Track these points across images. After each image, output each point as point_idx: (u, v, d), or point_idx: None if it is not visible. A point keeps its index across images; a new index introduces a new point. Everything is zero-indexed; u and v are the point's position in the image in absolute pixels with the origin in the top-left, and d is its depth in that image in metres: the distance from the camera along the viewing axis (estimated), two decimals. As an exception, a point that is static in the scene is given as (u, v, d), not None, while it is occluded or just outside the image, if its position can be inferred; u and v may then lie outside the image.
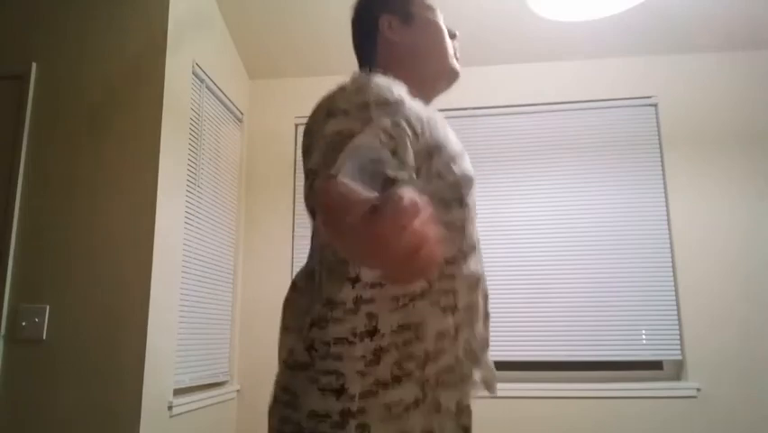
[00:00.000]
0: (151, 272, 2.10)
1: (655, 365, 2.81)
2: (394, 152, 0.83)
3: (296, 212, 3.09)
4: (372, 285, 0.87)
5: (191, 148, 2.51)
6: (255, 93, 3.23)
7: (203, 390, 2.57)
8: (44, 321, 2.08)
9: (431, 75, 1.13)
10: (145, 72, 2.26)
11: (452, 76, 1.15)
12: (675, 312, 2.76)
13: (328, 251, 0.94)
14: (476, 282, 0.96)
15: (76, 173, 2.20)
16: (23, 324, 2.09)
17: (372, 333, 0.86)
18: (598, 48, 2.97)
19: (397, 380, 0.85)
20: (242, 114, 3.10)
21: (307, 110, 3.30)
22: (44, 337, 2.08)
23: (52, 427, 2.01)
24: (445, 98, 3.22)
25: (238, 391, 2.91)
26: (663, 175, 2.89)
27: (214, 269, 2.72)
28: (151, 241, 2.11)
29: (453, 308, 0.91)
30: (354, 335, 0.86)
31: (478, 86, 3.09)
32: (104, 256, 2.12)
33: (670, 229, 2.83)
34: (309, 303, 0.91)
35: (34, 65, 2.31)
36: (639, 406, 2.69)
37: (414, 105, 0.95)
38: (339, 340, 0.86)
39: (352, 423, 0.83)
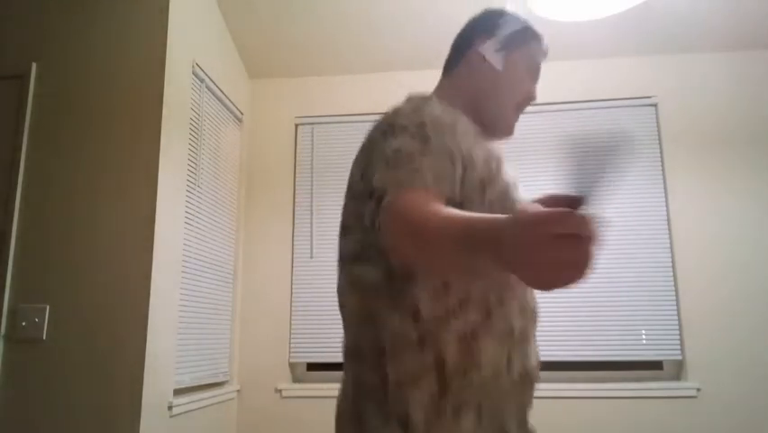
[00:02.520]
0: (151, 272, 2.10)
1: (655, 365, 2.81)
2: (451, 180, 0.87)
3: (295, 212, 3.09)
4: (436, 321, 0.88)
5: (191, 148, 2.51)
6: (255, 93, 3.24)
7: (203, 390, 2.57)
8: (44, 321, 2.08)
9: (488, 118, 1.11)
10: (145, 72, 2.26)
11: (503, 133, 1.14)
12: (675, 312, 2.76)
13: (383, 275, 0.93)
14: (527, 308, 0.98)
15: (76, 173, 2.20)
16: (23, 324, 2.09)
17: (439, 368, 0.87)
18: (598, 48, 2.97)
19: (457, 413, 0.87)
20: (242, 114, 3.10)
21: (307, 110, 3.32)
22: (44, 337, 2.08)
23: (52, 427, 2.01)
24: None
25: (238, 391, 2.91)
26: (663, 175, 2.89)
27: (214, 269, 2.72)
28: (151, 241, 2.11)
29: (509, 335, 0.93)
30: (423, 370, 0.87)
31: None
32: (104, 256, 2.12)
33: (670, 229, 2.83)
34: (374, 331, 0.92)
35: (34, 65, 2.31)
36: (639, 406, 2.69)
37: (468, 133, 0.97)
38: (409, 374, 0.88)
39: None
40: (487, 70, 1.11)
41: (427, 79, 3.15)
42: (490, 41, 1.11)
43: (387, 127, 0.94)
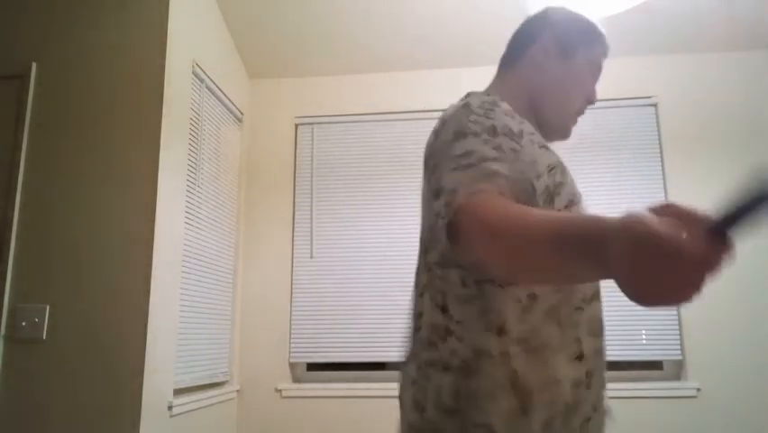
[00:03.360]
0: (151, 272, 2.10)
1: (655, 365, 2.81)
2: (520, 191, 0.83)
3: (295, 212, 3.09)
4: (519, 340, 0.85)
5: (191, 148, 2.51)
6: (255, 93, 3.24)
7: (203, 390, 2.57)
8: (44, 321, 2.08)
9: (547, 118, 1.08)
10: (145, 72, 2.26)
11: (560, 133, 1.10)
12: (675, 312, 2.76)
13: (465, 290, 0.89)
14: (598, 327, 0.95)
15: (76, 173, 2.20)
16: (23, 324, 2.09)
17: (517, 388, 0.84)
18: (598, 48, 2.97)
19: (542, 428, 0.84)
20: (242, 114, 3.10)
21: (307, 110, 3.32)
22: (44, 337, 2.08)
23: (52, 427, 2.01)
24: (446, 101, 3.22)
25: (238, 391, 2.91)
26: (663, 175, 2.89)
27: (214, 269, 2.72)
28: (151, 241, 2.11)
29: (582, 356, 0.90)
30: (500, 388, 0.84)
31: (478, 87, 3.08)
32: (104, 256, 2.12)
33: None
34: (460, 343, 0.88)
35: (34, 65, 2.31)
36: (639, 406, 2.69)
37: (534, 141, 0.94)
38: (487, 393, 0.84)
39: None
40: (550, 68, 1.07)
41: (428, 79, 3.17)
42: (555, 39, 1.07)
43: (456, 130, 0.89)
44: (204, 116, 2.65)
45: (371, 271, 2.96)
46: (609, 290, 2.88)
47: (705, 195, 2.83)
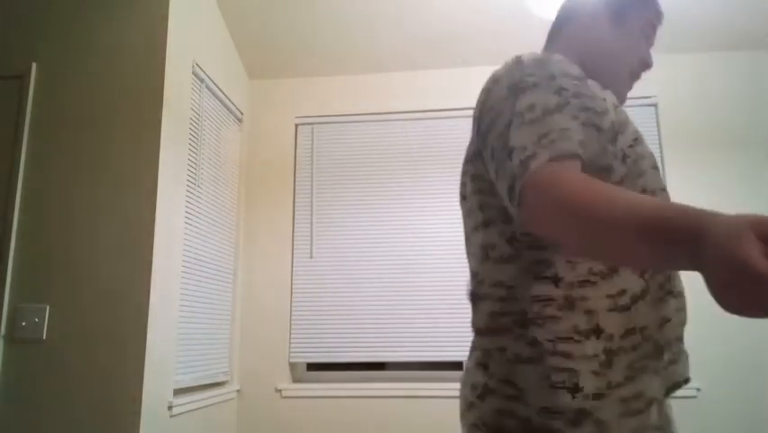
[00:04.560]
0: (151, 272, 2.10)
1: (655, 365, 2.81)
2: (590, 136, 0.81)
3: (295, 212, 3.09)
4: (581, 283, 0.84)
5: (191, 148, 2.51)
6: (255, 93, 3.24)
7: (203, 390, 2.57)
8: (44, 321, 2.09)
9: (599, 81, 1.04)
10: (145, 72, 2.26)
11: (617, 98, 1.07)
12: (675, 312, 2.76)
13: (522, 247, 0.88)
14: (674, 286, 0.94)
15: (76, 173, 2.20)
16: (23, 324, 2.09)
17: (597, 331, 0.83)
18: (598, 48, 2.97)
19: (630, 379, 0.83)
20: (242, 114, 3.10)
21: (307, 110, 3.32)
22: (44, 337, 2.08)
23: (52, 427, 2.01)
24: (447, 99, 3.22)
25: (238, 391, 2.91)
26: (663, 174, 2.89)
27: (214, 269, 2.72)
28: (151, 241, 2.11)
29: (670, 294, 0.89)
30: (578, 333, 0.83)
31: (478, 86, 3.08)
32: (104, 256, 2.12)
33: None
34: (513, 300, 0.87)
35: (34, 65, 2.31)
36: (639, 406, 2.68)
37: (592, 83, 0.93)
38: (564, 338, 0.83)
39: (589, 420, 0.81)
40: (603, 32, 1.04)
41: (427, 79, 3.17)
42: (604, 4, 1.05)
43: (512, 84, 0.86)
44: (204, 117, 2.65)
45: (371, 271, 2.96)
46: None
47: (705, 195, 2.83)
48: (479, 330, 0.93)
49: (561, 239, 0.73)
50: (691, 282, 2.74)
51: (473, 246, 0.96)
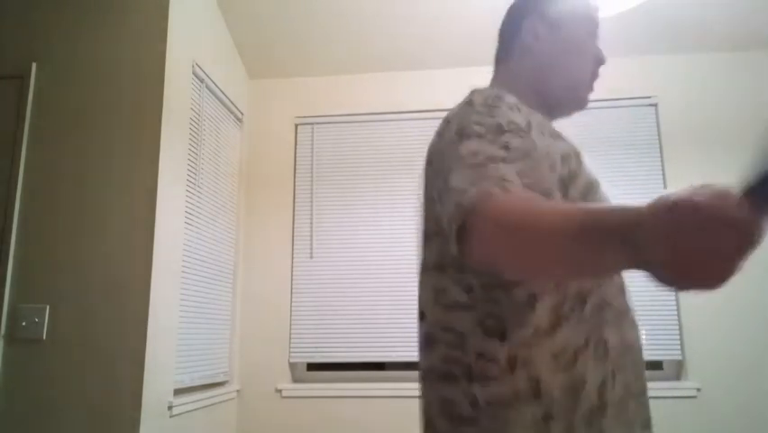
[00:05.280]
0: (151, 272, 2.10)
1: (655, 365, 2.81)
2: (531, 188, 0.79)
3: (295, 212, 3.09)
4: (525, 343, 0.81)
5: (191, 148, 2.51)
6: (255, 93, 3.24)
7: (203, 390, 2.57)
8: (44, 321, 2.09)
9: (558, 98, 1.04)
10: (145, 72, 2.26)
11: (578, 106, 1.06)
12: (675, 312, 2.76)
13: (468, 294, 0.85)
14: (624, 318, 0.89)
15: (76, 173, 2.20)
16: (23, 324, 2.09)
17: (537, 394, 0.80)
18: (598, 48, 2.97)
19: None
20: (242, 114, 3.10)
21: (307, 110, 3.32)
22: (44, 337, 2.08)
23: (52, 427, 2.01)
24: (446, 100, 3.22)
25: (238, 391, 2.91)
26: (663, 175, 2.89)
27: (214, 269, 2.72)
28: (151, 241, 2.11)
29: (607, 353, 0.84)
30: (518, 398, 0.80)
31: (480, 86, 3.08)
32: (104, 256, 2.13)
33: (670, 229, 2.83)
34: (462, 351, 0.85)
35: (34, 65, 2.31)
36: (639, 406, 2.68)
37: (544, 131, 0.90)
38: (503, 400, 0.80)
39: None
40: (547, 47, 1.02)
41: (427, 79, 3.17)
42: (539, 17, 1.04)
43: (459, 129, 0.86)
44: (204, 117, 2.65)
45: (371, 271, 2.96)
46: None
47: (705, 195, 2.83)
48: (430, 372, 0.89)
49: (501, 262, 0.71)
50: (691, 282, 2.74)
51: (425, 285, 0.93)
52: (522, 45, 1.04)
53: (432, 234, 0.92)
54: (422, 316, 0.93)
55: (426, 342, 0.91)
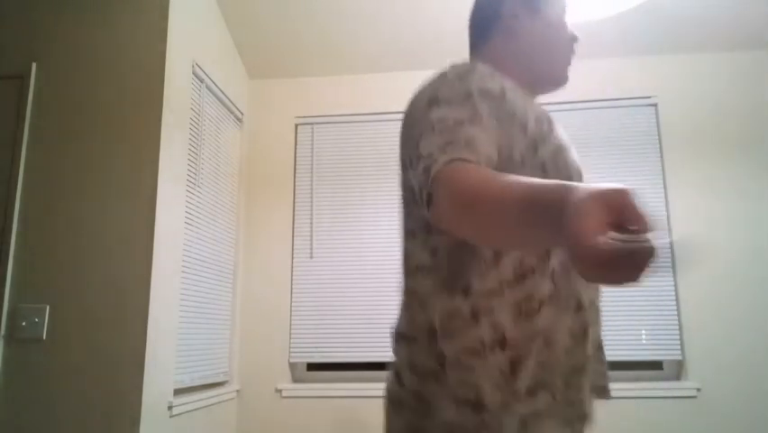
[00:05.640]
0: (151, 272, 2.10)
1: (655, 365, 2.81)
2: (501, 147, 0.83)
3: (295, 212, 3.09)
4: (488, 294, 0.84)
5: (191, 148, 2.51)
6: (255, 93, 3.24)
7: (203, 390, 2.57)
8: (44, 321, 2.09)
9: (541, 75, 1.07)
10: (145, 72, 2.26)
11: (560, 82, 1.10)
12: (675, 312, 2.76)
13: (437, 254, 0.89)
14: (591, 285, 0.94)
15: (76, 173, 2.20)
16: (23, 324, 2.09)
17: (502, 343, 0.82)
18: (598, 48, 2.97)
19: (532, 392, 0.83)
20: (242, 114, 3.10)
21: (307, 110, 3.32)
22: (44, 337, 2.08)
23: (52, 427, 2.01)
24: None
25: (238, 391, 2.91)
26: (663, 175, 2.89)
27: (214, 269, 2.72)
28: (151, 241, 2.11)
29: (580, 307, 0.88)
30: (483, 345, 0.82)
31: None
32: (104, 256, 2.13)
33: (670, 229, 2.83)
34: (424, 311, 0.88)
35: (34, 65, 2.31)
36: (639, 406, 2.69)
37: (516, 96, 0.93)
38: (469, 351, 0.83)
39: None
40: (527, 29, 1.06)
41: (427, 79, 3.16)
42: (520, 2, 1.07)
43: (431, 97, 0.89)
44: (204, 117, 2.65)
45: (371, 271, 2.96)
46: (609, 291, 2.89)
47: (705, 195, 2.83)
48: (399, 335, 0.93)
49: (459, 230, 0.73)
50: (692, 284, 2.74)
51: (402, 254, 0.97)
52: (503, 27, 1.07)
53: (407, 201, 0.95)
54: (402, 283, 0.98)
55: (403, 306, 0.95)
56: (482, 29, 1.10)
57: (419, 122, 0.86)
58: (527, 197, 0.62)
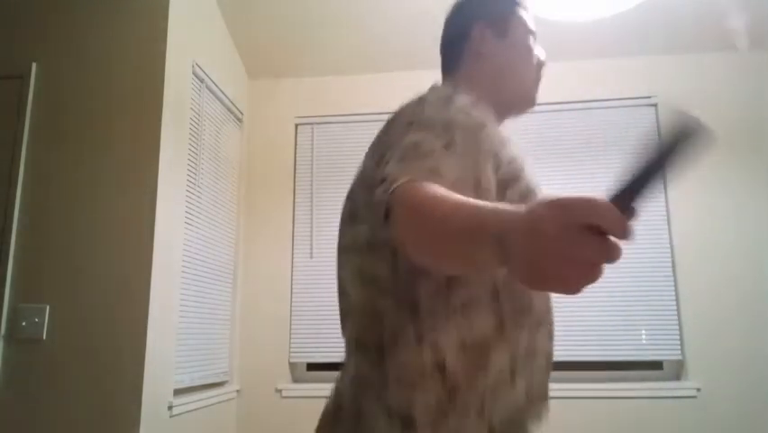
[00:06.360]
0: (151, 272, 2.10)
1: (655, 365, 2.81)
2: (469, 183, 0.82)
3: (295, 212, 3.09)
4: (435, 317, 0.85)
5: (191, 148, 2.51)
6: (255, 93, 3.23)
7: (203, 390, 2.57)
8: (44, 321, 2.09)
9: (510, 97, 1.08)
10: (145, 72, 2.26)
11: (528, 104, 1.11)
12: (675, 312, 2.76)
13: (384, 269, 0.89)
14: (540, 322, 0.93)
15: (76, 173, 2.20)
16: (23, 324, 2.09)
17: (441, 367, 0.83)
18: (598, 48, 2.97)
19: (464, 415, 0.84)
20: (242, 114, 3.10)
21: (307, 110, 3.32)
22: (44, 337, 2.08)
23: (52, 427, 2.01)
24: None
25: (238, 391, 2.91)
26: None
27: (214, 269, 2.72)
28: (151, 241, 2.11)
29: (516, 348, 0.89)
30: (423, 366, 0.84)
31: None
32: (104, 256, 2.13)
33: (670, 229, 2.83)
34: (372, 325, 0.89)
35: (34, 65, 2.31)
36: (639, 406, 2.69)
37: (495, 132, 0.93)
38: (411, 369, 0.84)
39: None
40: (496, 52, 1.07)
41: (427, 80, 3.16)
42: (485, 23, 1.08)
43: (410, 120, 0.89)
44: (204, 116, 2.65)
45: (371, 271, 2.96)
46: (609, 290, 2.89)
47: (705, 195, 2.83)
48: (349, 342, 0.93)
49: (414, 247, 0.72)
50: (695, 282, 2.74)
51: (347, 266, 0.96)
52: (472, 52, 1.08)
53: (362, 216, 0.95)
54: (342, 293, 0.97)
55: (345, 317, 0.96)
56: (452, 50, 1.12)
57: (394, 143, 0.86)
58: (475, 213, 0.62)
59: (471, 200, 0.66)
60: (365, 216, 0.94)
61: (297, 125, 3.19)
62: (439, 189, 0.72)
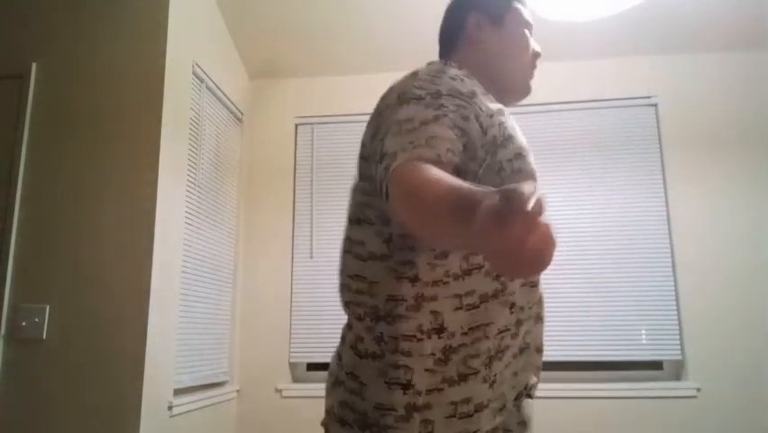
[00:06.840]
0: (151, 272, 2.10)
1: (655, 365, 2.81)
2: (465, 146, 0.85)
3: (295, 212, 3.09)
4: (434, 284, 0.88)
5: (191, 148, 2.51)
6: (255, 93, 3.24)
7: (203, 390, 2.57)
8: (44, 321, 2.09)
9: (504, 84, 1.11)
10: (145, 72, 2.26)
11: (523, 92, 1.14)
12: (675, 312, 2.76)
13: (389, 242, 0.92)
14: (535, 292, 0.97)
15: (76, 173, 2.20)
16: (23, 324, 2.09)
17: (440, 330, 0.87)
18: (598, 48, 2.97)
19: (463, 378, 0.87)
20: (242, 114, 3.10)
21: (307, 110, 3.32)
22: (44, 337, 2.08)
23: (52, 426, 2.01)
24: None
25: (238, 391, 2.91)
26: (663, 175, 2.89)
27: (214, 269, 2.72)
28: (151, 241, 2.11)
29: (514, 305, 0.92)
30: (422, 331, 0.87)
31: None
32: (104, 256, 2.13)
33: (670, 229, 2.83)
34: (370, 295, 0.92)
35: (34, 65, 2.31)
36: (639, 406, 2.69)
37: (485, 99, 0.96)
38: (407, 337, 0.87)
39: (417, 418, 0.85)
40: (490, 42, 1.10)
41: (427, 79, 3.16)
42: (482, 12, 1.11)
43: (402, 93, 0.93)
44: (204, 117, 2.65)
45: (371, 271, 2.96)
46: (609, 290, 2.89)
47: (705, 194, 2.83)
48: (347, 310, 0.98)
49: (410, 225, 0.75)
50: (695, 282, 2.74)
51: (350, 240, 0.99)
52: (468, 39, 1.11)
53: (365, 190, 0.98)
54: (342, 270, 1.00)
55: (340, 290, 0.99)
56: (449, 39, 1.15)
57: (387, 119, 0.90)
58: (463, 194, 0.64)
59: (461, 183, 0.68)
60: (361, 187, 0.98)
61: (296, 125, 3.19)
62: (434, 170, 0.75)
